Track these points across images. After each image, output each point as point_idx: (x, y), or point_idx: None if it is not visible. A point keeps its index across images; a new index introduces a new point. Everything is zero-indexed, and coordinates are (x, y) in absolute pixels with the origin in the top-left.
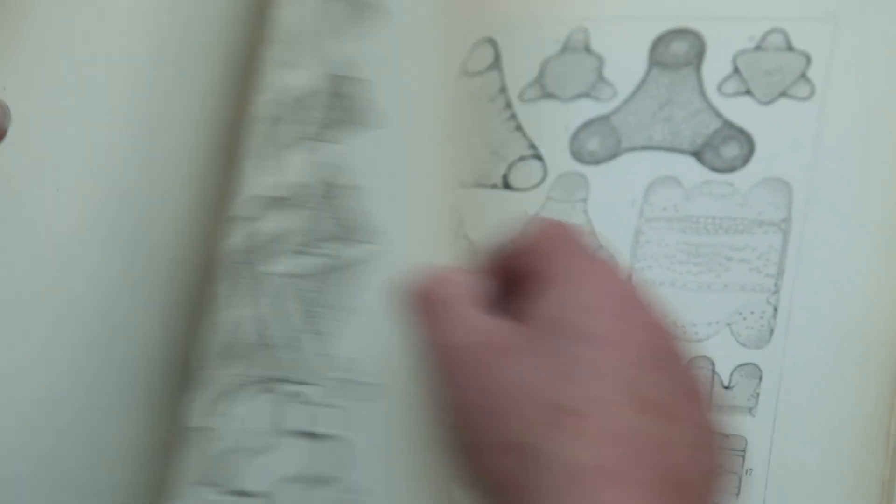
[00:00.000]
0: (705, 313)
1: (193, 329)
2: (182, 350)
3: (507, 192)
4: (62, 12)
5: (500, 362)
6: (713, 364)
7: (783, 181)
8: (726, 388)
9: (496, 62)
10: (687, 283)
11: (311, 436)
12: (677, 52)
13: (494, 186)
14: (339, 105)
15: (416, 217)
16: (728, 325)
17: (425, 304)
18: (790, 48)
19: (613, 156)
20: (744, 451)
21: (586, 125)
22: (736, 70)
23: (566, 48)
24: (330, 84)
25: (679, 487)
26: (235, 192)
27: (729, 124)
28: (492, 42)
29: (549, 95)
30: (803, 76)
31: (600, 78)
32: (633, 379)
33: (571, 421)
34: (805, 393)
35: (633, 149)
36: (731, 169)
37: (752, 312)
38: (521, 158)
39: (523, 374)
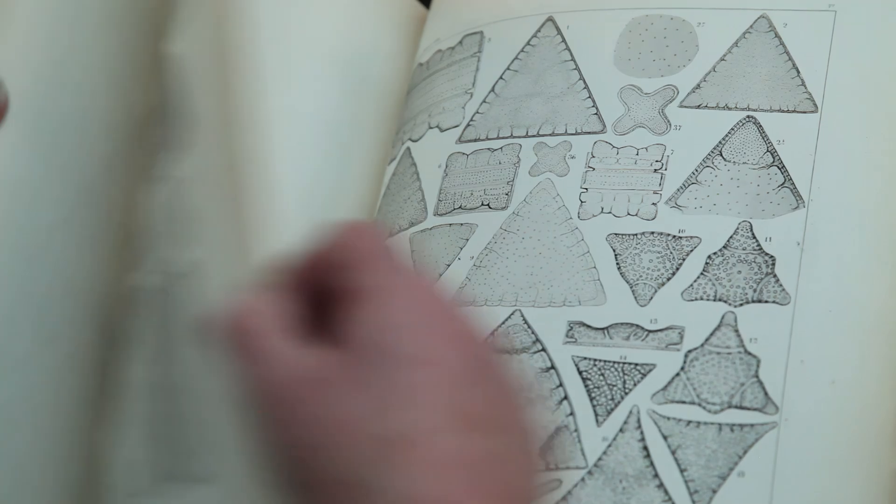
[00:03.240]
0: None
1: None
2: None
3: None
4: None
5: (319, 398)
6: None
7: None
8: None
9: None
10: None
11: None
12: None
13: None
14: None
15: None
16: None
17: (234, 342)
18: None
19: None
20: None
21: None
22: None
23: None
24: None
25: (514, 500)
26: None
27: None
28: None
29: None
30: None
31: None
32: (455, 397)
33: (399, 452)
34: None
35: None
36: None
37: None
38: None
39: (344, 408)
